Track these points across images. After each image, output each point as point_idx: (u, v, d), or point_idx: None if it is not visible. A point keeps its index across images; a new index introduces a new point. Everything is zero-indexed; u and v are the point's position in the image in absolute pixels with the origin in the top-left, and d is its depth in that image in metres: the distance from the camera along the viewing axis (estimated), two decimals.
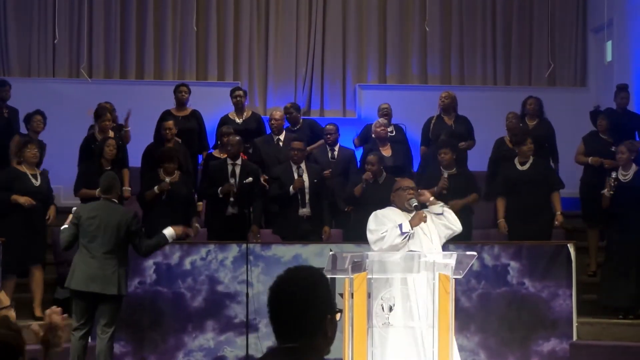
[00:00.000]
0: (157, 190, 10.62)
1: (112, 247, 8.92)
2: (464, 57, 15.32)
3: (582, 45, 15.38)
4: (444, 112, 12.22)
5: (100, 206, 9.13)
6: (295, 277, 3.22)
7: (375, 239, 8.04)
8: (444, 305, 7.67)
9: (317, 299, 3.20)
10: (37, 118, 11.83)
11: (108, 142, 11.01)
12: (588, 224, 11.65)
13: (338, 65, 15.23)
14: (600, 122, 11.74)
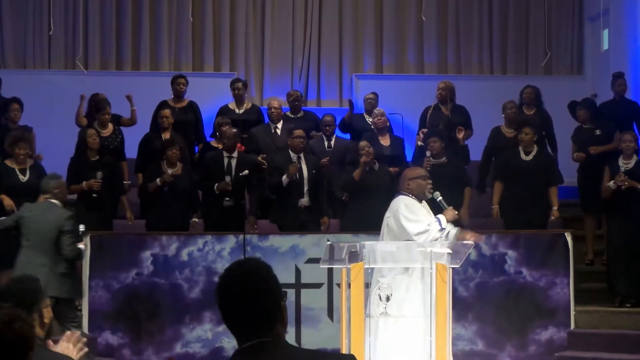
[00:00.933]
0: (159, 182, 10.62)
1: (48, 248, 9.05)
2: (461, 46, 15.30)
3: (578, 34, 15.36)
4: (441, 102, 12.21)
5: (38, 207, 9.27)
6: (243, 272, 3.20)
7: (418, 231, 7.80)
8: (441, 295, 7.69)
9: (270, 290, 3.19)
10: (15, 107, 11.47)
11: (88, 132, 10.97)
12: (585, 213, 11.65)
13: (334, 55, 15.21)
14: (579, 112, 11.73)
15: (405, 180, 8.14)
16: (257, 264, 3.23)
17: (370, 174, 10.86)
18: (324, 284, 9.88)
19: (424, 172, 8.22)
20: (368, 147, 10.93)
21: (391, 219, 7.94)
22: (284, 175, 10.77)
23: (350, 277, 7.62)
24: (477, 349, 10.00)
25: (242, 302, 3.15)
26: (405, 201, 7.97)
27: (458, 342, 9.84)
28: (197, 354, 9.91)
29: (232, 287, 3.18)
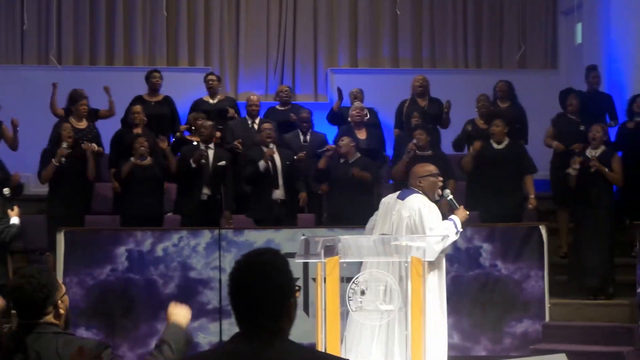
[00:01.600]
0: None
1: None
2: (435, 40, 15.33)
3: (552, 28, 15.42)
4: (418, 95, 12.25)
5: None
6: (259, 262, 3.18)
7: (437, 240, 7.62)
8: (417, 288, 7.68)
9: (282, 282, 3.18)
10: None
11: (64, 126, 10.98)
12: (558, 205, 11.70)
13: (309, 49, 15.19)
14: (570, 101, 11.78)
15: (416, 177, 7.93)
16: (275, 256, 3.21)
17: (344, 166, 10.89)
18: (300, 279, 9.87)
19: (434, 169, 8.01)
20: (343, 140, 10.94)
21: (415, 221, 7.71)
22: (261, 161, 10.78)
23: (326, 271, 7.60)
24: (452, 342, 9.99)
25: (249, 291, 3.14)
26: (425, 204, 7.76)
27: None
28: None
29: (246, 271, 3.16)
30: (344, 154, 10.97)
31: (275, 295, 3.14)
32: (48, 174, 10.84)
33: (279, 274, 3.17)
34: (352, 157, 10.98)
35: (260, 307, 3.13)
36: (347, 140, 11.04)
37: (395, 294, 7.74)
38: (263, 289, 3.13)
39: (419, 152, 10.86)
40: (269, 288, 3.13)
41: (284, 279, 3.17)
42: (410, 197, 7.81)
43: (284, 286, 3.17)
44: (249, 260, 3.17)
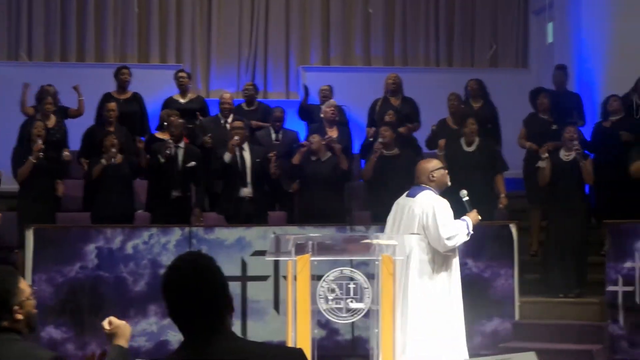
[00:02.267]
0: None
1: None
2: (407, 39, 15.36)
3: (523, 27, 15.49)
4: (391, 93, 12.27)
5: None
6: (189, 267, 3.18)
7: (448, 235, 7.56)
8: (387, 287, 7.68)
9: (217, 281, 3.18)
10: None
11: (36, 124, 10.94)
12: (531, 204, 11.74)
13: (281, 47, 15.18)
14: (540, 100, 11.82)
15: (427, 172, 7.82)
16: (201, 256, 3.22)
17: (316, 164, 10.89)
18: (270, 277, 9.86)
19: (440, 162, 8.02)
20: (314, 137, 10.95)
21: (428, 219, 7.62)
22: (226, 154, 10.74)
23: (297, 269, 7.59)
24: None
25: (191, 296, 3.13)
26: (439, 201, 7.69)
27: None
28: (142, 347, 9.84)
29: (180, 280, 3.16)
30: (315, 151, 10.96)
31: (215, 294, 3.15)
32: (24, 172, 10.75)
33: (212, 272, 3.18)
34: (324, 155, 10.97)
35: (203, 309, 3.13)
36: (318, 138, 11.03)
37: (366, 292, 7.73)
38: (201, 291, 3.14)
39: (385, 152, 10.86)
40: (207, 288, 3.15)
41: (219, 276, 3.19)
42: (420, 194, 7.75)
43: (221, 283, 3.17)
44: (179, 267, 3.21)
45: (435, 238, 7.55)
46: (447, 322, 7.65)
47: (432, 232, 7.57)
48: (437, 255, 7.65)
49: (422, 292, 7.62)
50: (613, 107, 11.37)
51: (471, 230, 7.66)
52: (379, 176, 10.86)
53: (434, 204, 7.61)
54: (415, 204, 7.70)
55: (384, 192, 10.81)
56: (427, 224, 7.59)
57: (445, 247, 7.56)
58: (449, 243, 7.54)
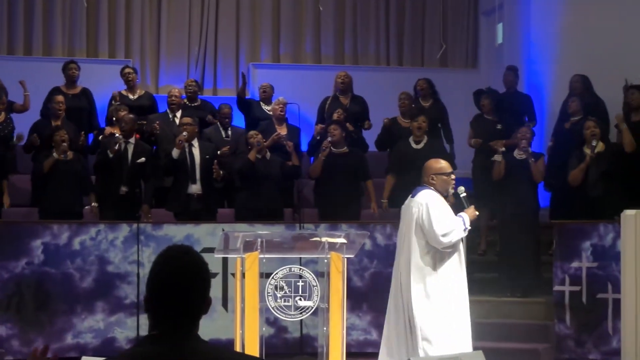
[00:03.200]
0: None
1: None
2: (358, 37, 15.37)
3: (473, 27, 15.56)
4: (340, 92, 12.26)
5: None
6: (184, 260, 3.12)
7: (444, 232, 7.46)
8: (336, 285, 7.68)
9: (204, 280, 3.14)
10: None
11: None
12: (479, 203, 11.77)
13: (231, 44, 15.12)
14: (483, 101, 11.88)
15: (429, 174, 7.77)
16: (196, 253, 3.16)
17: (261, 162, 10.85)
18: (219, 274, 9.82)
19: (448, 167, 7.84)
20: (256, 135, 10.92)
21: (422, 216, 7.53)
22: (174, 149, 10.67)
23: (245, 266, 7.57)
24: (371, 339, 10.05)
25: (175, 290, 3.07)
26: (433, 198, 7.61)
27: (352, 332, 9.89)
28: (88, 344, 9.76)
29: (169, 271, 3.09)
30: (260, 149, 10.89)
31: (198, 294, 3.10)
32: None
33: (202, 272, 3.13)
34: (267, 153, 10.94)
35: (183, 305, 3.08)
36: (260, 136, 10.98)
37: (314, 290, 7.73)
38: (190, 287, 3.08)
39: (334, 150, 10.87)
40: (195, 286, 3.09)
41: (207, 277, 3.14)
42: (419, 193, 7.69)
43: (206, 284, 3.13)
44: (173, 259, 3.11)
45: (431, 235, 7.47)
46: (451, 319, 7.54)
47: (427, 229, 7.48)
48: (437, 253, 7.55)
49: (424, 291, 7.52)
50: (572, 108, 11.42)
51: (468, 226, 7.59)
52: (327, 174, 10.85)
53: (427, 202, 7.55)
54: (414, 203, 7.65)
55: (332, 190, 10.82)
56: (422, 222, 7.52)
57: (442, 244, 7.47)
58: (445, 240, 7.45)
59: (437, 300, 7.48)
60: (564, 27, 13.13)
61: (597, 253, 9.58)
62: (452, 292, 7.56)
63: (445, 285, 7.54)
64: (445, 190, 7.70)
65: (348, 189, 10.86)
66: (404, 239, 7.68)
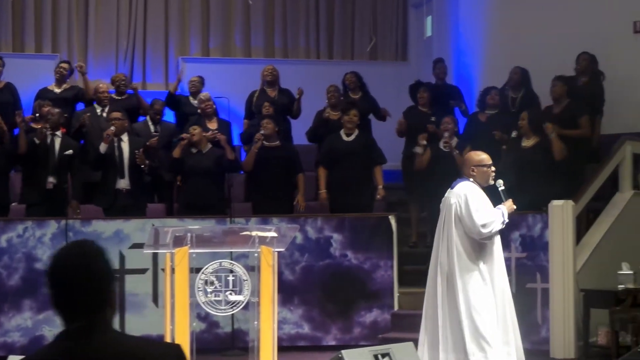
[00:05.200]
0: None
1: None
2: (287, 31, 15.36)
3: (402, 20, 15.63)
4: (268, 85, 12.25)
5: None
6: (79, 253, 3.10)
7: (484, 222, 7.37)
8: (267, 279, 7.67)
9: (104, 270, 3.11)
10: None
11: None
12: (409, 196, 11.84)
13: (160, 37, 15.02)
14: (420, 94, 11.93)
15: (469, 165, 7.69)
16: (93, 245, 3.13)
17: (197, 156, 10.78)
18: (149, 270, 9.75)
19: (487, 159, 7.72)
20: (194, 129, 10.87)
21: (461, 207, 7.46)
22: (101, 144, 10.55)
23: (175, 262, 7.53)
24: (303, 332, 10.06)
25: (76, 281, 3.03)
26: (472, 190, 7.54)
27: (284, 326, 9.88)
28: (16, 343, 9.63)
29: (68, 264, 3.06)
30: (196, 143, 10.84)
31: (99, 283, 3.07)
32: None
33: (101, 261, 3.10)
34: (205, 147, 10.87)
35: (85, 295, 3.05)
36: (199, 130, 10.93)
37: (245, 284, 7.71)
38: (87, 277, 3.05)
39: (266, 143, 10.84)
40: (93, 275, 3.06)
41: (105, 266, 3.11)
42: (459, 184, 7.64)
43: (107, 273, 3.10)
44: (69, 251, 3.09)
45: (470, 226, 7.40)
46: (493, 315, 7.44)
47: (467, 220, 7.42)
48: (475, 244, 7.47)
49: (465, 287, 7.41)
50: (494, 100, 11.50)
51: (506, 218, 7.51)
52: (259, 168, 10.82)
53: (466, 193, 7.50)
54: (452, 194, 7.61)
55: (264, 184, 10.79)
56: (461, 213, 7.46)
57: (481, 235, 7.39)
58: (484, 230, 7.37)
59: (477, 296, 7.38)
60: (492, 20, 13.24)
61: (525, 243, 9.67)
62: (491, 285, 7.45)
63: (485, 278, 7.44)
64: (486, 182, 7.62)
65: (280, 183, 10.84)
66: (442, 231, 7.61)
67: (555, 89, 11.04)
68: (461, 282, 7.41)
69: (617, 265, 9.66)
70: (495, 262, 7.50)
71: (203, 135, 10.89)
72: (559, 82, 11.04)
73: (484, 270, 7.42)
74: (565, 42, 12.02)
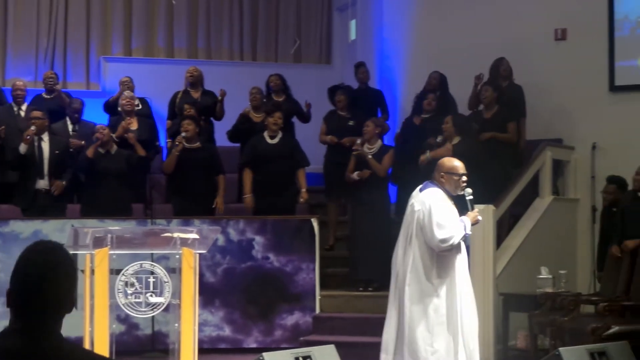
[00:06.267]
0: None
1: None
2: (211, 32, 15.30)
3: (327, 24, 15.67)
4: (191, 86, 12.18)
5: None
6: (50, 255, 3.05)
7: (443, 237, 7.10)
8: (188, 281, 7.63)
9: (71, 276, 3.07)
10: None
11: None
12: (329, 198, 11.85)
13: (82, 36, 14.83)
14: (338, 98, 11.92)
15: (440, 171, 7.40)
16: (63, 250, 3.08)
17: (106, 157, 10.64)
18: None
19: (461, 168, 7.41)
20: (102, 129, 10.75)
21: (424, 216, 7.20)
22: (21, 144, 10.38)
23: (95, 263, 7.45)
24: (224, 335, 10.01)
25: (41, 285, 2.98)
26: (438, 199, 7.26)
27: (205, 328, 9.83)
28: None
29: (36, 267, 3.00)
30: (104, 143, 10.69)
31: (62, 290, 3.03)
32: None
33: (67, 268, 3.06)
34: (112, 148, 10.74)
35: (46, 301, 3.00)
36: (108, 130, 10.80)
37: (166, 286, 7.65)
38: (56, 283, 3.01)
39: (187, 144, 10.76)
40: (62, 281, 3.02)
41: (72, 274, 3.07)
42: (426, 190, 7.35)
43: (71, 281, 3.06)
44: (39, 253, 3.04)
45: (429, 238, 7.16)
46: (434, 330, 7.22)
47: (427, 232, 7.17)
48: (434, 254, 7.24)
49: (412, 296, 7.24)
50: (431, 106, 11.53)
51: (469, 231, 7.26)
52: (180, 169, 10.72)
53: (431, 203, 7.23)
54: (417, 200, 7.33)
55: (185, 185, 10.70)
56: (423, 223, 7.20)
57: (439, 248, 7.16)
58: (443, 245, 7.12)
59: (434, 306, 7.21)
60: (416, 24, 13.31)
61: None
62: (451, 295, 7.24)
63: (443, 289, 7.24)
64: (454, 190, 7.36)
65: (201, 184, 10.76)
66: (402, 234, 7.42)
67: (487, 95, 11.12)
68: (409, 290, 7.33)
69: (536, 269, 9.79)
70: (457, 273, 7.27)
71: (110, 136, 10.76)
72: (489, 87, 11.13)
73: (436, 283, 7.26)
74: (487, 48, 12.14)
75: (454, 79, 11.88)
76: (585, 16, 12.00)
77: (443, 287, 7.20)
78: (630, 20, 11.82)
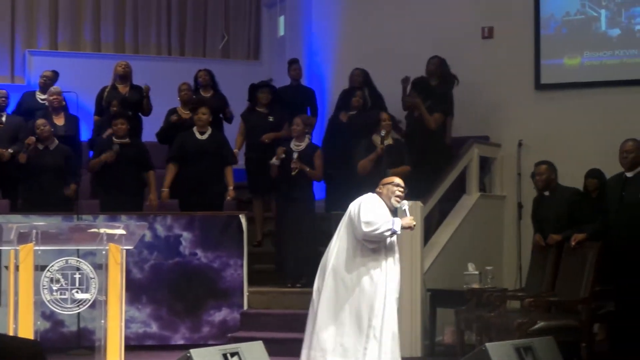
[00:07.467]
0: None
1: None
2: (139, 26, 15.19)
3: (255, 19, 15.64)
4: (120, 80, 12.04)
5: None
6: None
7: (368, 220, 7.14)
8: (114, 277, 7.57)
9: None
10: None
11: None
12: (253, 195, 11.81)
13: (6, 29, 14.64)
14: (259, 95, 11.82)
15: (381, 182, 7.52)
16: None
17: (43, 153, 10.54)
18: None
19: (397, 179, 7.50)
20: (44, 126, 10.59)
21: (355, 208, 7.27)
22: None
23: (19, 259, 7.35)
24: (151, 331, 9.95)
25: None
26: (372, 199, 7.36)
27: (132, 325, 9.76)
28: None
29: None
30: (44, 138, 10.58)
31: None
32: None
33: None
34: (52, 143, 10.62)
35: None
36: (49, 127, 10.68)
37: (92, 282, 7.58)
38: None
39: (116, 139, 10.65)
40: None
41: None
42: (365, 194, 7.45)
43: None
44: None
45: (356, 224, 7.20)
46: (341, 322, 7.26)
47: (355, 218, 7.22)
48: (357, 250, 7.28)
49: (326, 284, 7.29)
50: (359, 103, 11.54)
51: (397, 229, 7.23)
52: (107, 165, 10.61)
53: (364, 198, 7.35)
54: (353, 202, 7.41)
55: (112, 181, 10.59)
56: (353, 214, 7.26)
57: (362, 233, 7.15)
58: (366, 229, 7.14)
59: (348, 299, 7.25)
60: (344, 21, 13.34)
61: None
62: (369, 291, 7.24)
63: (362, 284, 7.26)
64: (389, 198, 7.39)
65: (129, 180, 10.66)
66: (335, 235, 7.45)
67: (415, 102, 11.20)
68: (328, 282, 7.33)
69: (463, 265, 9.87)
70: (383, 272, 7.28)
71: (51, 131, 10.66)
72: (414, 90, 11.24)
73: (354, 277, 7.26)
74: (415, 45, 12.21)
75: (383, 76, 11.92)
76: (512, 15, 12.15)
77: (361, 282, 7.23)
78: (556, 19, 11.97)
